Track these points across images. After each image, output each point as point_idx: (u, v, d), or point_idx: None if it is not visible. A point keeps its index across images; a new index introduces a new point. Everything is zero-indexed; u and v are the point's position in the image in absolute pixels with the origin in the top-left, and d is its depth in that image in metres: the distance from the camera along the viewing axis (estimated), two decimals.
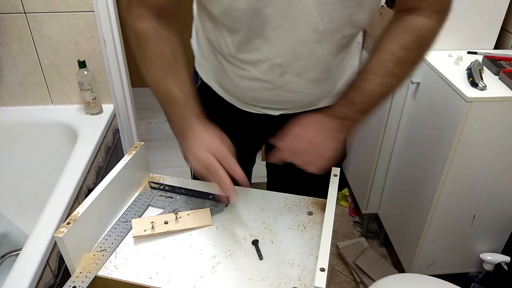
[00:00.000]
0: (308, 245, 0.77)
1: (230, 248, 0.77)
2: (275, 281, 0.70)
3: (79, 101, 1.60)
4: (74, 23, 1.45)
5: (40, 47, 1.49)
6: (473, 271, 1.48)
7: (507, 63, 1.25)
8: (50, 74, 1.55)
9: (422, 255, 1.43)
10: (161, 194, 0.90)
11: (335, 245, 1.79)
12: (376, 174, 1.64)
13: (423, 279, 1.18)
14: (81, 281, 0.69)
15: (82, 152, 1.34)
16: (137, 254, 0.76)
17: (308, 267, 0.72)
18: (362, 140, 1.78)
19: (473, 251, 1.44)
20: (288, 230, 0.81)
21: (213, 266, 0.73)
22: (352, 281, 1.66)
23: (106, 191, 0.79)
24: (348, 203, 2.02)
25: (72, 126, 1.50)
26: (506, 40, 1.40)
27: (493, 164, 1.24)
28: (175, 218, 0.80)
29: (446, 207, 1.32)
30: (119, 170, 0.84)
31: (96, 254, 0.75)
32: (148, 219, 0.80)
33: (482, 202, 1.32)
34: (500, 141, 1.20)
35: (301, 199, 0.88)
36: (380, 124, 1.52)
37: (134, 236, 0.77)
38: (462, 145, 1.18)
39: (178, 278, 0.71)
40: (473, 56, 1.31)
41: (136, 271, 0.72)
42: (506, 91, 1.15)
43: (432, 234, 1.38)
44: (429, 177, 1.32)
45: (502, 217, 1.37)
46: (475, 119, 1.14)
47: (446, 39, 1.34)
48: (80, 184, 1.23)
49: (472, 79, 1.16)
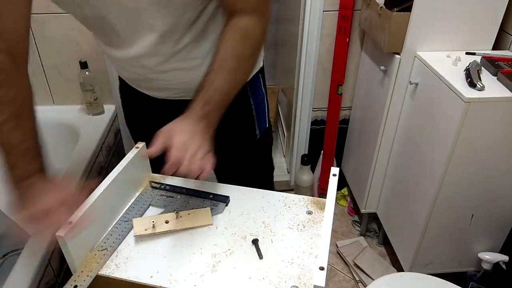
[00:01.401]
0: (308, 244, 0.78)
1: (230, 247, 0.77)
2: (274, 280, 0.71)
3: (81, 101, 1.60)
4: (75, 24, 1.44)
5: (42, 48, 1.50)
6: (472, 270, 1.49)
7: (505, 63, 1.25)
8: (52, 75, 1.56)
9: (420, 254, 1.44)
10: (162, 193, 0.91)
11: (334, 244, 1.80)
12: (375, 174, 1.65)
13: (421, 278, 1.18)
14: (83, 280, 0.70)
15: (83, 152, 1.35)
16: (138, 253, 0.76)
17: (308, 266, 0.73)
18: (361, 140, 1.79)
19: (472, 250, 1.45)
20: (288, 230, 0.81)
21: (213, 265, 0.74)
22: (351, 280, 1.67)
23: (107, 190, 0.80)
24: (347, 203, 2.03)
25: (74, 126, 1.51)
26: (504, 41, 1.40)
27: (491, 164, 1.25)
28: (176, 217, 0.81)
29: (445, 207, 1.32)
30: (120, 170, 0.84)
31: (98, 253, 0.75)
32: (149, 218, 0.81)
33: (480, 201, 1.33)
34: (498, 142, 1.20)
35: (301, 199, 0.89)
36: (378, 124, 1.53)
37: (136, 235, 0.78)
38: (460, 145, 1.19)
39: (178, 277, 0.71)
40: (471, 57, 1.32)
41: (137, 270, 0.73)
42: (504, 91, 1.16)
43: (431, 233, 1.39)
44: (428, 177, 1.33)
45: (500, 216, 1.37)
46: (473, 120, 1.15)
47: (444, 39, 1.34)
48: (82, 184, 1.24)
49: (470, 80, 1.17)
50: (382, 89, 1.50)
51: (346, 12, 1.60)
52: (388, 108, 1.48)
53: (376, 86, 1.56)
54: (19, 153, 0.70)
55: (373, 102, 1.61)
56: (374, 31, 1.47)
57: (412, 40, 1.34)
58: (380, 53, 1.50)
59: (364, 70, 1.71)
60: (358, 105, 1.83)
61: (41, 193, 0.69)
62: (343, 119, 1.93)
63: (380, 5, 1.39)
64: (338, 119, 1.87)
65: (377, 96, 1.56)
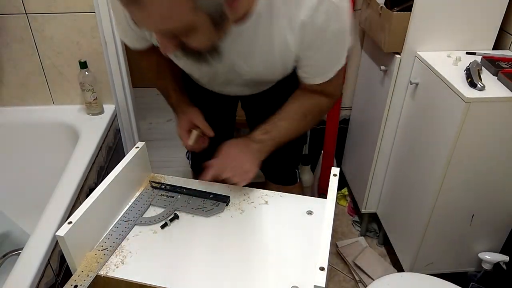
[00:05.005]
0: (308, 244, 0.78)
1: (231, 247, 0.77)
2: (275, 280, 0.71)
3: (81, 101, 1.60)
4: (75, 24, 1.45)
5: (41, 47, 1.49)
6: (472, 270, 1.49)
7: (506, 63, 1.25)
8: (51, 75, 1.56)
9: (421, 254, 1.44)
10: (162, 193, 0.91)
11: (335, 244, 1.80)
12: (375, 174, 1.65)
13: (422, 278, 1.18)
14: (83, 280, 0.70)
15: (83, 152, 1.35)
16: (138, 253, 0.76)
17: (308, 266, 0.73)
18: (361, 140, 1.79)
19: (472, 250, 1.45)
20: (288, 229, 0.81)
21: (213, 265, 0.74)
22: (351, 280, 1.67)
23: (107, 190, 0.80)
24: (347, 203, 2.03)
25: (74, 126, 1.51)
26: (505, 41, 1.40)
27: (491, 164, 1.25)
28: None
29: (445, 207, 1.32)
30: (120, 169, 0.84)
31: (98, 253, 0.75)
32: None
33: (481, 201, 1.33)
34: (498, 141, 1.20)
35: (301, 199, 0.89)
36: (379, 124, 1.53)
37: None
38: (460, 145, 1.19)
39: (178, 277, 0.71)
40: (472, 57, 1.32)
41: (137, 270, 0.73)
42: (504, 91, 1.16)
43: (431, 234, 1.38)
44: (428, 177, 1.33)
45: (500, 216, 1.37)
46: (473, 120, 1.15)
47: (444, 39, 1.34)
48: (82, 184, 1.24)
49: (470, 80, 1.17)
50: (382, 89, 1.50)
51: None
52: (389, 108, 1.48)
53: (376, 86, 1.56)
54: (175, 93, 1.08)
55: (373, 102, 1.61)
56: (374, 31, 1.47)
57: (412, 40, 1.34)
58: (380, 53, 1.50)
59: (364, 70, 1.71)
60: (358, 105, 1.83)
61: (186, 115, 1.03)
62: (343, 119, 1.93)
63: (380, 4, 1.39)
64: (338, 119, 1.87)
65: (377, 96, 1.56)
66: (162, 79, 1.09)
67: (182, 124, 1.04)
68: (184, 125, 1.03)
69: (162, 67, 1.07)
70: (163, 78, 1.09)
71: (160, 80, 1.09)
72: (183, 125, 1.03)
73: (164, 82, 1.09)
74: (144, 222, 0.83)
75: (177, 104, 1.08)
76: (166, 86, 1.09)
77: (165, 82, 1.09)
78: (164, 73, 1.08)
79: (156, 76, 1.09)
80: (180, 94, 1.08)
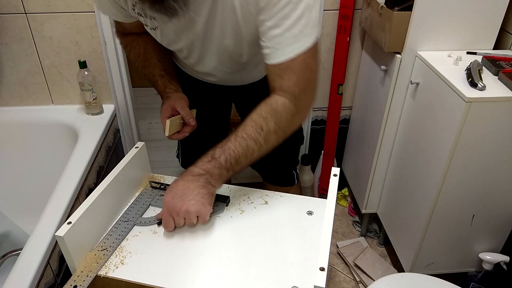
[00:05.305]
0: (308, 245, 0.77)
1: (231, 247, 0.77)
2: (275, 280, 0.70)
3: (80, 101, 1.60)
4: (74, 24, 1.45)
5: (41, 47, 1.49)
6: (472, 270, 1.48)
7: (506, 63, 1.25)
8: (51, 75, 1.56)
9: (421, 255, 1.44)
10: (162, 193, 0.91)
11: (335, 244, 1.79)
12: (376, 174, 1.65)
13: (422, 279, 1.18)
14: (82, 280, 0.70)
15: (82, 152, 1.35)
16: (138, 253, 0.76)
17: (308, 266, 0.73)
18: (361, 140, 1.79)
19: (472, 250, 1.45)
20: (288, 230, 0.81)
21: (213, 265, 0.73)
22: (352, 281, 1.67)
23: (107, 190, 0.80)
24: (348, 203, 2.03)
25: (73, 126, 1.51)
26: (506, 41, 1.40)
27: (492, 164, 1.24)
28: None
29: (446, 207, 1.32)
30: (120, 170, 0.84)
31: (97, 253, 0.75)
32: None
33: (482, 201, 1.33)
34: (499, 141, 1.20)
35: (301, 199, 0.89)
36: (379, 124, 1.53)
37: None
38: (461, 145, 1.19)
39: (178, 277, 0.71)
40: (473, 56, 1.32)
41: (136, 270, 0.72)
42: (505, 91, 1.15)
43: (432, 234, 1.38)
44: (429, 177, 1.33)
45: (501, 216, 1.37)
46: (474, 119, 1.14)
47: (445, 39, 1.34)
48: (81, 184, 1.23)
49: (471, 79, 1.17)
50: (383, 88, 1.50)
51: (347, 12, 1.59)
52: (389, 108, 1.48)
53: (377, 85, 1.56)
54: (161, 78, 1.07)
55: (374, 102, 1.60)
56: (374, 30, 1.46)
57: (413, 39, 1.33)
58: (381, 53, 1.50)
59: (365, 70, 1.71)
60: (358, 105, 1.83)
61: (169, 101, 1.02)
62: (344, 119, 1.93)
63: (381, 4, 1.39)
64: (338, 119, 1.87)
65: (377, 96, 1.56)
66: (150, 67, 1.07)
67: (163, 110, 1.00)
68: (165, 111, 1.00)
69: (149, 54, 1.06)
70: (151, 66, 1.07)
71: (147, 68, 1.07)
72: (164, 111, 1.00)
73: (151, 70, 1.07)
74: (144, 222, 0.83)
75: (163, 90, 1.05)
76: (153, 73, 1.07)
77: (153, 70, 1.07)
78: (152, 60, 1.06)
79: (143, 64, 1.08)
80: (167, 79, 1.06)
